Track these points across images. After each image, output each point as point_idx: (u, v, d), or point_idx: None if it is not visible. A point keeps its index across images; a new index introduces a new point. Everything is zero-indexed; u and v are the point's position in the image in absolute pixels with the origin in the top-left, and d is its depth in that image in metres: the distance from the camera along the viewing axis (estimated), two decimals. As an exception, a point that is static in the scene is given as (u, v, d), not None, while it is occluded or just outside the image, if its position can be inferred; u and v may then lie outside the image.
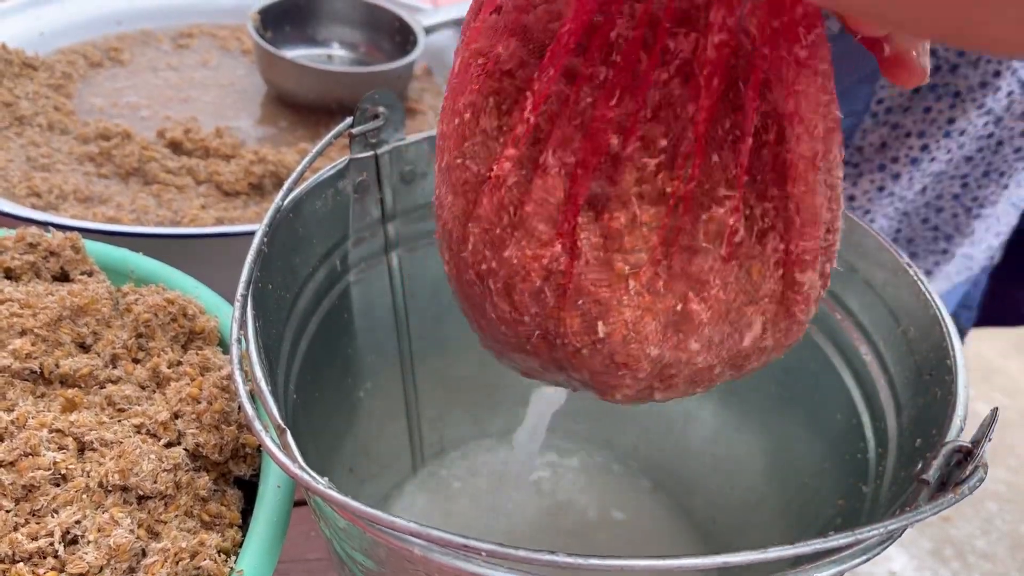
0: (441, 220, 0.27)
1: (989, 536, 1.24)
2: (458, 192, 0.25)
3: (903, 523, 0.24)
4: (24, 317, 0.37)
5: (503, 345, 0.27)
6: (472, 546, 0.22)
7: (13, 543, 0.29)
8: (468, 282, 0.26)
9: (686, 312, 0.24)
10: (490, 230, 0.24)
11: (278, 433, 0.27)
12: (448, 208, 0.26)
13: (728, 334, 0.25)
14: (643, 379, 0.25)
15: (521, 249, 0.24)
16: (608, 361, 0.24)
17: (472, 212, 0.25)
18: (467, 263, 0.25)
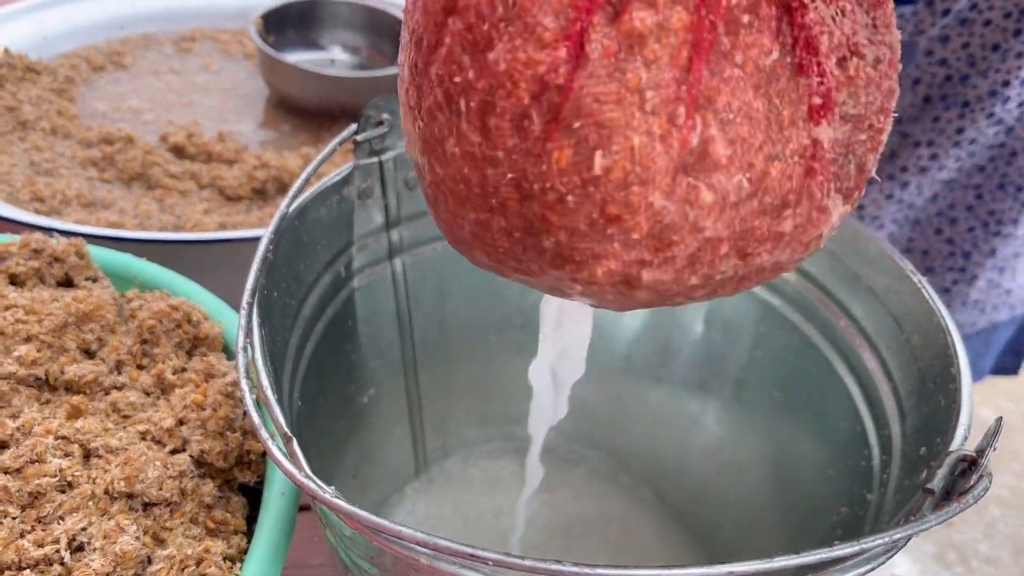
0: (407, 29, 0.22)
1: (992, 540, 1.24)
2: None
3: (908, 532, 0.24)
4: (29, 323, 0.37)
5: (460, 206, 0.22)
6: (479, 555, 0.22)
7: (19, 550, 0.29)
8: (428, 111, 0.21)
9: (704, 151, 0.19)
10: (475, 25, 0.19)
11: (284, 441, 0.27)
12: (418, 10, 0.21)
13: (748, 194, 0.20)
14: (635, 245, 0.20)
15: (513, 51, 0.19)
16: (597, 213, 0.20)
17: (455, 4, 0.20)
18: (432, 81, 0.20)
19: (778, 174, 0.20)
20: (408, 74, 0.22)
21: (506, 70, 0.19)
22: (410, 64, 0.21)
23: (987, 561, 1.22)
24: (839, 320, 0.38)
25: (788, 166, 0.20)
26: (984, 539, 1.24)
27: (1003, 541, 1.24)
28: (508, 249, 0.22)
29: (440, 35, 0.20)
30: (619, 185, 0.19)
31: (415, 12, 0.21)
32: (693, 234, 0.20)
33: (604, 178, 0.19)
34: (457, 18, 0.20)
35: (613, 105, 0.19)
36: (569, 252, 0.21)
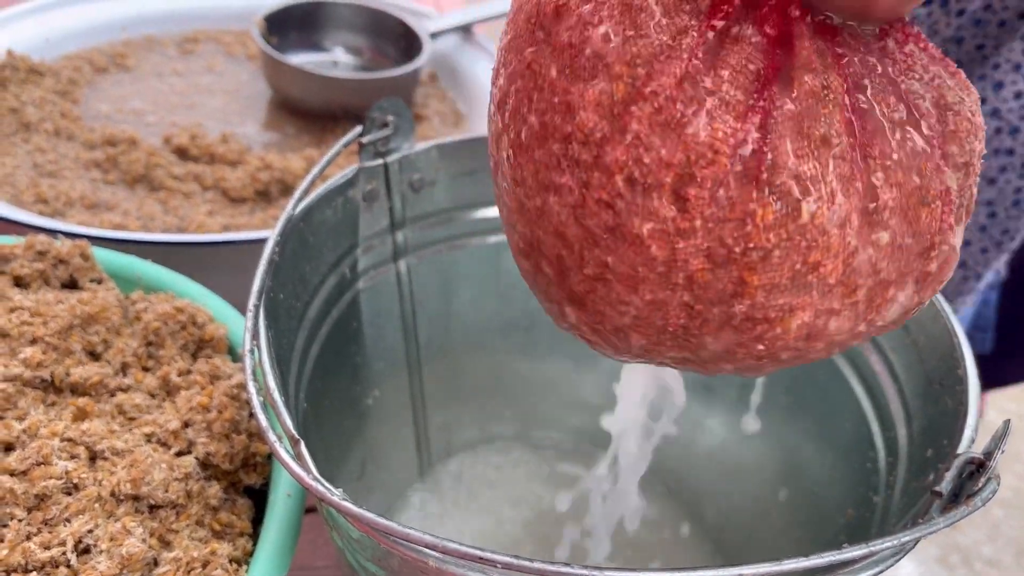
0: (551, 136, 0.22)
1: (996, 543, 1.24)
2: (615, 76, 0.21)
3: (916, 535, 0.24)
4: (34, 325, 0.37)
5: (631, 292, 0.22)
6: (488, 558, 0.22)
7: (26, 552, 0.29)
8: (600, 203, 0.21)
9: (875, 195, 0.21)
10: (667, 107, 0.20)
11: (292, 444, 0.27)
12: (585, 106, 0.21)
13: (908, 236, 0.22)
14: (829, 291, 0.21)
15: (711, 122, 0.20)
16: (800, 262, 0.21)
17: (639, 92, 0.21)
18: (611, 168, 0.21)
19: (927, 218, 0.22)
20: (553, 180, 0.22)
21: (706, 141, 0.20)
22: (566, 167, 0.22)
23: (990, 563, 1.21)
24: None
25: (933, 210, 0.22)
26: (987, 541, 1.24)
27: (1006, 543, 1.24)
28: (681, 326, 0.23)
29: (623, 123, 0.21)
30: (822, 229, 0.21)
31: (577, 111, 0.21)
32: (872, 276, 0.22)
33: (811, 224, 0.20)
34: (644, 104, 0.21)
35: (808, 157, 0.20)
36: (763, 312, 0.22)
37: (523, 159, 0.23)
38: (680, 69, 0.21)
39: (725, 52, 0.21)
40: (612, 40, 0.21)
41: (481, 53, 0.82)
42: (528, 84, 0.23)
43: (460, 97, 0.81)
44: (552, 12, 0.22)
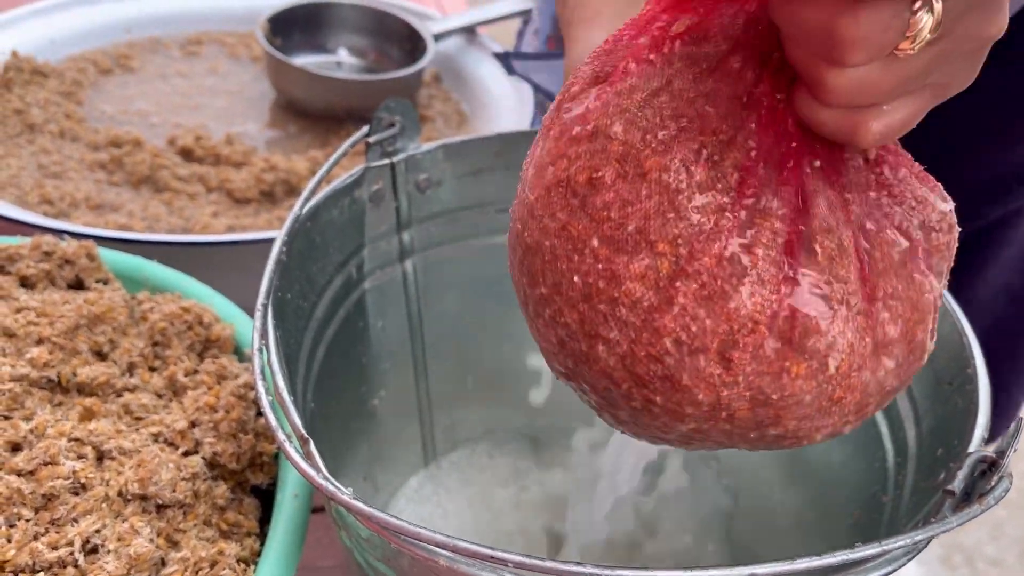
0: (597, 297, 0.24)
1: (999, 542, 1.24)
2: (659, 254, 0.23)
3: (930, 533, 0.24)
4: (41, 326, 0.37)
5: (678, 421, 0.25)
6: (499, 557, 0.22)
7: (34, 552, 0.29)
8: (650, 357, 0.24)
9: (884, 332, 0.25)
10: (710, 283, 0.23)
11: (301, 443, 0.26)
12: (631, 277, 0.24)
13: (909, 352, 0.26)
14: (847, 413, 0.25)
15: (751, 297, 0.23)
16: (826, 400, 0.24)
17: (683, 270, 0.23)
18: (660, 332, 0.23)
19: (921, 333, 0.26)
20: (616, 332, 0.24)
21: (747, 314, 0.23)
22: (614, 325, 0.24)
23: (993, 563, 1.21)
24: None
25: (925, 324, 0.26)
26: (990, 541, 1.24)
27: (1010, 543, 1.24)
28: (720, 441, 0.26)
29: (668, 296, 0.23)
30: (845, 376, 0.24)
31: (624, 281, 0.24)
32: (880, 393, 0.26)
33: (836, 374, 0.24)
34: (689, 280, 0.23)
35: (831, 319, 0.24)
36: (794, 433, 0.25)
37: (566, 308, 0.25)
38: (719, 249, 0.23)
39: (757, 229, 0.23)
40: (653, 220, 0.23)
41: (484, 54, 0.82)
42: (566, 245, 0.25)
43: (464, 98, 0.81)
44: (586, 182, 0.24)
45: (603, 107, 0.24)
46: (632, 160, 0.24)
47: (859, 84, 0.21)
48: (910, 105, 0.23)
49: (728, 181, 0.23)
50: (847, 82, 0.21)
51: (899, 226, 0.25)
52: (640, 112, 0.24)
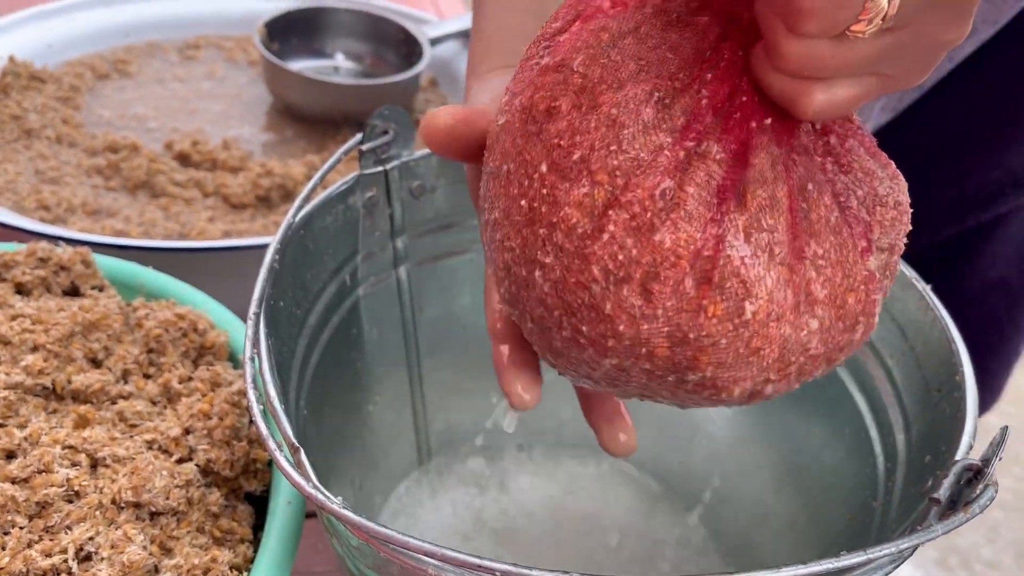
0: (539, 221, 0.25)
1: (995, 545, 1.24)
2: (597, 183, 0.24)
3: (914, 542, 0.24)
4: (36, 333, 0.37)
5: (602, 355, 0.26)
6: (486, 566, 0.22)
7: (27, 560, 0.29)
8: (579, 284, 0.25)
9: (809, 291, 0.25)
10: (640, 215, 0.24)
11: (292, 452, 0.27)
12: (570, 203, 0.25)
13: (836, 318, 0.26)
14: (767, 368, 0.26)
15: (676, 232, 0.24)
16: (744, 347, 0.25)
17: (617, 200, 0.24)
18: (589, 259, 0.25)
19: (853, 301, 0.26)
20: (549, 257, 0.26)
21: (671, 247, 0.24)
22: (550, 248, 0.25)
23: (990, 565, 1.21)
24: (843, 328, 0.38)
25: (858, 294, 0.26)
26: (987, 543, 1.24)
27: (1006, 546, 1.24)
28: (643, 383, 0.27)
29: (600, 224, 0.24)
30: (762, 324, 0.25)
31: (563, 206, 0.25)
32: (804, 354, 0.26)
33: (752, 320, 0.24)
34: (620, 211, 0.24)
35: (752, 263, 0.24)
36: (712, 381, 0.26)
37: (512, 232, 0.26)
38: (653, 183, 0.24)
39: (693, 169, 0.24)
40: (596, 150, 0.24)
41: (481, 58, 0.82)
42: (519, 170, 0.26)
43: (460, 102, 0.81)
44: (544, 110, 0.25)
45: (573, 43, 0.26)
46: (588, 93, 0.25)
47: (808, 55, 0.22)
48: (854, 87, 0.23)
49: (674, 123, 0.24)
50: (797, 50, 0.22)
51: (839, 193, 0.26)
52: (604, 51, 0.25)
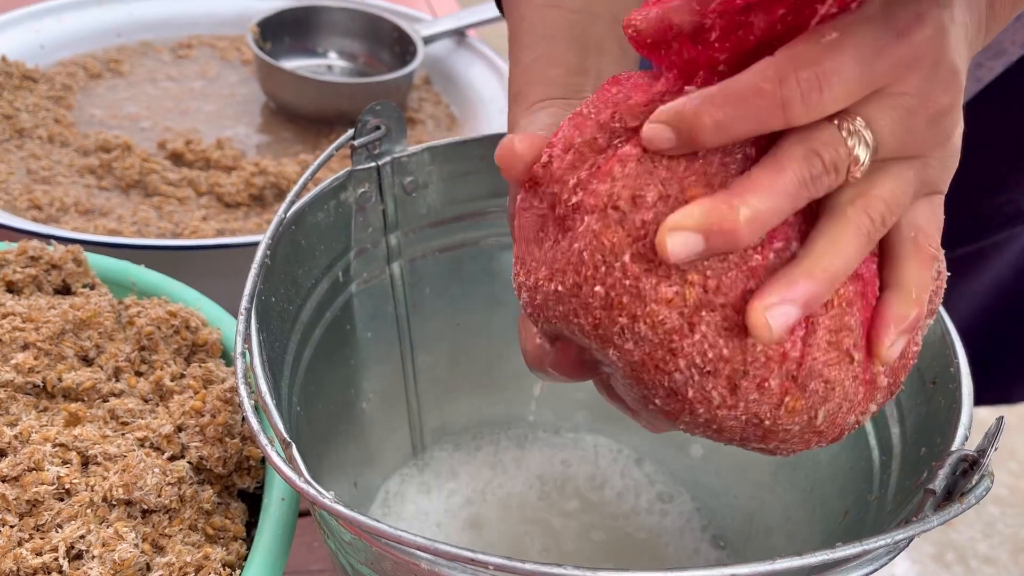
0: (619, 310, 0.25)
1: (991, 540, 1.24)
2: (689, 283, 0.24)
3: (910, 533, 0.24)
4: (26, 331, 0.37)
5: (667, 421, 0.27)
6: (479, 559, 0.22)
7: (18, 559, 0.29)
8: (660, 371, 0.25)
9: (876, 383, 0.27)
10: (731, 317, 0.24)
11: (283, 447, 0.26)
12: (657, 300, 0.25)
13: (888, 395, 0.28)
14: (823, 441, 0.27)
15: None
16: (811, 433, 0.26)
17: (710, 301, 0.24)
18: (676, 353, 0.25)
19: (903, 375, 0.28)
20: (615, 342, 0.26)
21: (763, 350, 0.24)
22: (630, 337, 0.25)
23: (986, 561, 1.21)
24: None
25: (908, 369, 0.28)
26: (983, 539, 1.24)
27: (1002, 541, 1.24)
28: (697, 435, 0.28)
29: (691, 322, 0.24)
30: (833, 417, 0.26)
31: (646, 303, 0.25)
32: (857, 426, 0.27)
33: (827, 417, 0.26)
34: (714, 313, 0.24)
35: (834, 365, 0.25)
36: (771, 450, 0.27)
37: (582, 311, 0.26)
38: (745, 286, 0.24)
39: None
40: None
41: (475, 57, 0.82)
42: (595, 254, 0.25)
43: (454, 101, 0.81)
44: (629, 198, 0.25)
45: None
46: (675, 185, 0.24)
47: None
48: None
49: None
50: None
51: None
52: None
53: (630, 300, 0.25)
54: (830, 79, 0.23)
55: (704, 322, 0.24)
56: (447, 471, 0.49)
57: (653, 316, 0.24)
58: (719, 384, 0.25)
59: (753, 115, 0.23)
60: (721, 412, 0.25)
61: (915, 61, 0.24)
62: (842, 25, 0.23)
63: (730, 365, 0.24)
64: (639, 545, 0.46)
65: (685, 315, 0.24)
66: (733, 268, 0.24)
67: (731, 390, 0.25)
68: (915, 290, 0.26)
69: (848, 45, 0.23)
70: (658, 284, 0.24)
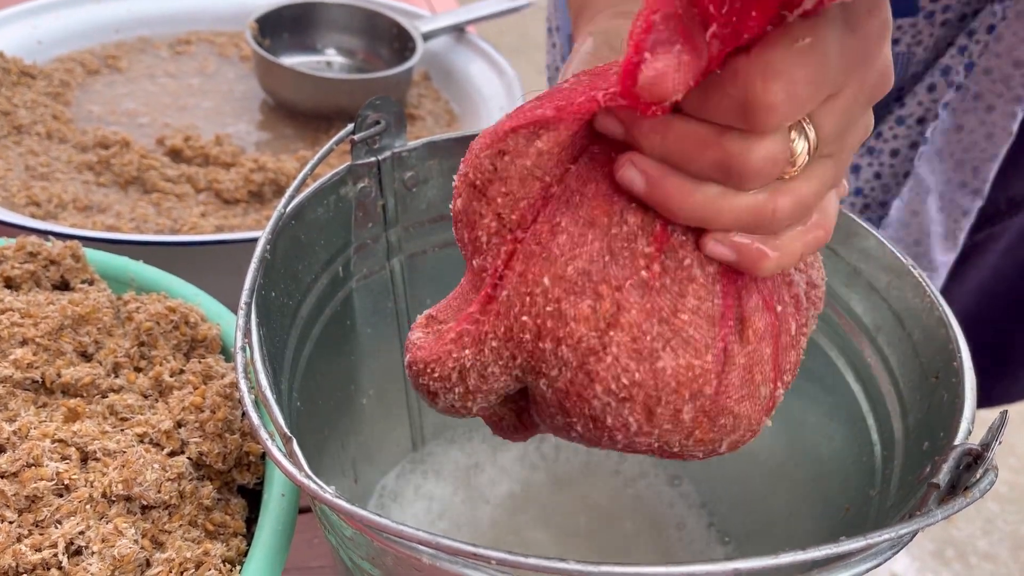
0: (547, 334, 0.25)
1: (991, 537, 1.24)
2: (598, 296, 0.25)
3: (914, 527, 0.24)
4: (25, 327, 0.36)
5: (588, 442, 0.28)
6: (481, 554, 0.22)
7: (16, 555, 0.29)
8: (582, 397, 0.26)
9: (774, 403, 0.28)
10: (639, 339, 0.24)
11: (284, 442, 0.26)
12: (573, 318, 0.25)
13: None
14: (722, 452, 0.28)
15: (677, 359, 0.25)
16: (713, 452, 0.27)
17: (616, 320, 0.24)
18: (594, 376, 0.25)
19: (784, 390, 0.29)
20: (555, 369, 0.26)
21: (672, 375, 0.25)
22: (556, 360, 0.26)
23: (985, 558, 1.22)
24: (839, 316, 0.38)
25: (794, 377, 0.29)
26: (982, 536, 1.24)
27: (1002, 538, 1.24)
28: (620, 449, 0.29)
29: (603, 342, 0.25)
30: (738, 443, 0.27)
31: (563, 323, 0.25)
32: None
33: (731, 444, 0.27)
34: (620, 332, 0.25)
35: (745, 401, 0.26)
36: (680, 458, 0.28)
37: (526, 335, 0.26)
38: (650, 305, 0.25)
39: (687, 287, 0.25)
40: (587, 265, 0.25)
41: (474, 53, 0.82)
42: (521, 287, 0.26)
43: (453, 97, 0.81)
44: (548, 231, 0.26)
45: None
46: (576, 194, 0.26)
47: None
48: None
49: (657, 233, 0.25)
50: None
51: (795, 296, 0.28)
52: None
53: (553, 323, 0.25)
54: (802, 90, 0.22)
55: (614, 343, 0.24)
56: (447, 467, 0.49)
57: (570, 336, 0.25)
58: (635, 410, 0.25)
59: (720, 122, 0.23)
60: (638, 439, 0.26)
61: (864, 57, 0.23)
62: (811, 27, 0.22)
63: (643, 391, 0.25)
64: (639, 540, 0.46)
65: (600, 331, 0.25)
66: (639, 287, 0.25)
67: (647, 417, 0.25)
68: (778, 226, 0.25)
69: (818, 51, 0.22)
70: (592, 305, 0.25)
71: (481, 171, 0.26)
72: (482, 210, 0.26)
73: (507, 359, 0.26)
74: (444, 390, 0.27)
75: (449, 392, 0.27)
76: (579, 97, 0.24)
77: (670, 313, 0.25)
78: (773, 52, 0.21)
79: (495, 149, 0.25)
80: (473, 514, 0.47)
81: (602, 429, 0.26)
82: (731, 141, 0.22)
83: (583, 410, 0.26)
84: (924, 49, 0.55)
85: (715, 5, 0.20)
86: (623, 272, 0.25)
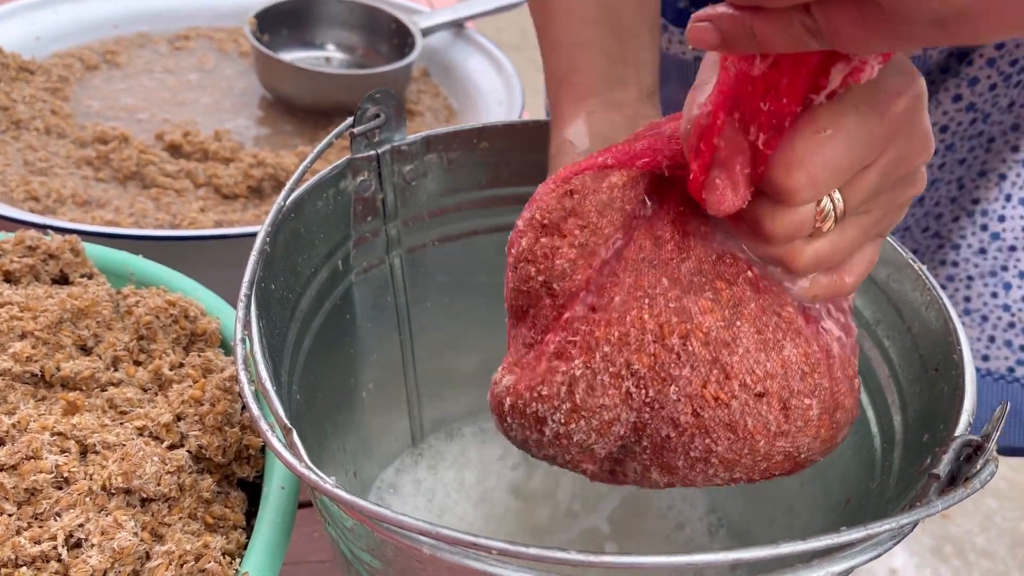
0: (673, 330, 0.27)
1: (989, 533, 1.24)
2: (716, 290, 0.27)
3: (915, 517, 0.24)
4: (24, 320, 0.36)
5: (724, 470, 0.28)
6: (482, 544, 0.22)
7: (16, 547, 0.29)
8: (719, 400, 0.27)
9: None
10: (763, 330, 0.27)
11: (284, 433, 0.26)
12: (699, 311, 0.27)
13: None
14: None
15: (797, 348, 0.27)
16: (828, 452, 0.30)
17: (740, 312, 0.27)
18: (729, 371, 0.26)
19: None
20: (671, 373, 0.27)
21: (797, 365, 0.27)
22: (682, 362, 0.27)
23: (984, 554, 1.22)
24: (839, 309, 0.38)
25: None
26: (981, 532, 1.24)
27: (1000, 534, 1.24)
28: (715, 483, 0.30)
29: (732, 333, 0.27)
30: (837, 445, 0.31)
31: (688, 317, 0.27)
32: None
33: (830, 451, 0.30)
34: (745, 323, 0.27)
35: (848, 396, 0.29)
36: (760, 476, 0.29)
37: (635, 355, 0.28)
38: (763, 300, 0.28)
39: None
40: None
41: (473, 48, 0.82)
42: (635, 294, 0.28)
43: (452, 92, 0.81)
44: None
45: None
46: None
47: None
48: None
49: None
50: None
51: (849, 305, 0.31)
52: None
53: (679, 319, 0.27)
54: (822, 176, 0.24)
55: (743, 334, 0.26)
56: (446, 460, 0.49)
57: (700, 327, 0.26)
58: (772, 406, 0.26)
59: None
60: (776, 444, 0.27)
61: (895, 135, 0.25)
62: (834, 117, 0.24)
63: (776, 382, 0.26)
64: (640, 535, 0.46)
65: (727, 323, 0.26)
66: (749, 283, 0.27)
67: (784, 414, 0.26)
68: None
69: (839, 139, 0.24)
70: (698, 298, 0.27)
71: (549, 211, 0.28)
72: (556, 243, 0.28)
73: (620, 366, 0.27)
74: (551, 411, 0.28)
75: (556, 412, 0.28)
76: (642, 157, 0.28)
77: (779, 306, 0.27)
78: (797, 142, 0.24)
79: (562, 191, 0.28)
80: (473, 508, 0.47)
81: (744, 439, 0.26)
82: (761, 206, 0.25)
83: (721, 417, 0.26)
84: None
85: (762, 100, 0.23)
86: (732, 271, 0.27)
